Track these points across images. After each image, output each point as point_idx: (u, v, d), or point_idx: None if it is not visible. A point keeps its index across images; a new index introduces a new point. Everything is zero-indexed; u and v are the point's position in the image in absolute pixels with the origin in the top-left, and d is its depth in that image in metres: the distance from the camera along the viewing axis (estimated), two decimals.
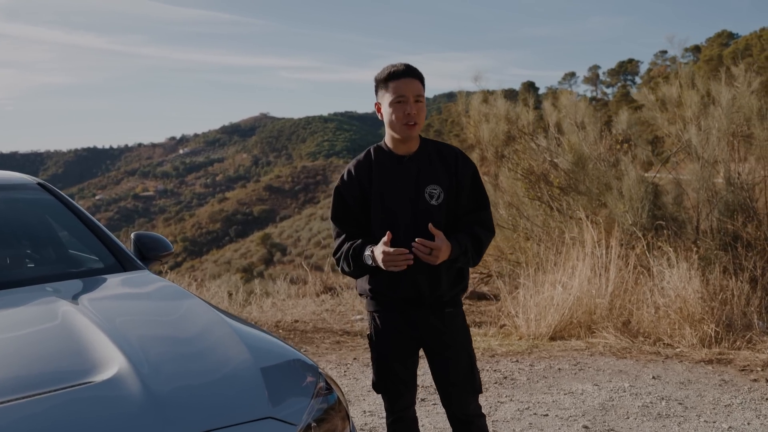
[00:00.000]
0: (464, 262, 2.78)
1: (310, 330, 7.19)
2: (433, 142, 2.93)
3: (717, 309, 6.32)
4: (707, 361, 5.34)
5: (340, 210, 2.89)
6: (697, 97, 9.84)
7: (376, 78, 2.83)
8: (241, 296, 8.15)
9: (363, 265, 2.77)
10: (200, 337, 2.26)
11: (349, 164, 2.92)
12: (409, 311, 2.84)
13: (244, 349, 2.16)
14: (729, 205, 8.80)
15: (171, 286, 2.77)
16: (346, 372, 5.35)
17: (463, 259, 2.76)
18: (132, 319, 2.34)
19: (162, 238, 3.46)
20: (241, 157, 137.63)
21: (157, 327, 2.31)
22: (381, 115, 2.85)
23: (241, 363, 2.09)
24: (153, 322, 2.36)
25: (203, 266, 74.52)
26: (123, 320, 2.28)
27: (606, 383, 4.84)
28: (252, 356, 2.13)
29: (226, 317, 2.50)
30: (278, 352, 2.33)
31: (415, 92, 2.74)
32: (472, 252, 2.77)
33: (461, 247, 2.72)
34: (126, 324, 2.24)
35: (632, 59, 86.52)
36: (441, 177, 2.82)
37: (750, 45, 54.80)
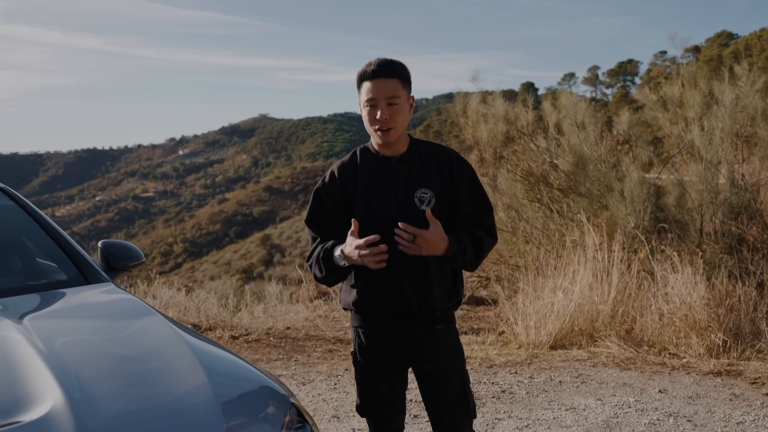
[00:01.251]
0: (461, 263, 2.52)
1: (302, 338, 6.93)
2: (425, 142, 2.67)
3: (723, 316, 6.07)
4: (716, 372, 5.09)
5: (317, 213, 2.64)
6: (700, 97, 9.61)
7: (356, 76, 2.58)
8: (231, 302, 7.89)
9: (336, 269, 2.52)
10: (152, 362, 2.01)
11: (333, 165, 2.68)
12: (397, 327, 2.58)
13: (202, 375, 1.91)
14: (733, 207, 8.56)
15: (130, 302, 2.52)
16: (336, 385, 5.09)
17: (460, 259, 2.49)
18: (79, 343, 2.08)
19: (131, 247, 3.21)
20: (241, 158, 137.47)
21: (106, 351, 2.05)
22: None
23: (197, 391, 1.83)
24: (102, 345, 2.10)
25: (203, 267, 74.53)
26: (68, 345, 2.03)
27: (610, 398, 4.58)
28: (210, 383, 1.87)
29: (187, 336, 2.25)
30: (242, 378, 2.07)
31: (388, 94, 2.46)
32: (471, 253, 2.51)
33: (460, 244, 2.46)
34: (71, 349, 1.98)
35: (632, 60, 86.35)
36: (433, 180, 2.57)
37: (750, 45, 54.63)
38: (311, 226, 2.65)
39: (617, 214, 8.64)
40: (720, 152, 8.96)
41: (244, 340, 6.77)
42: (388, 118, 2.47)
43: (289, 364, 5.89)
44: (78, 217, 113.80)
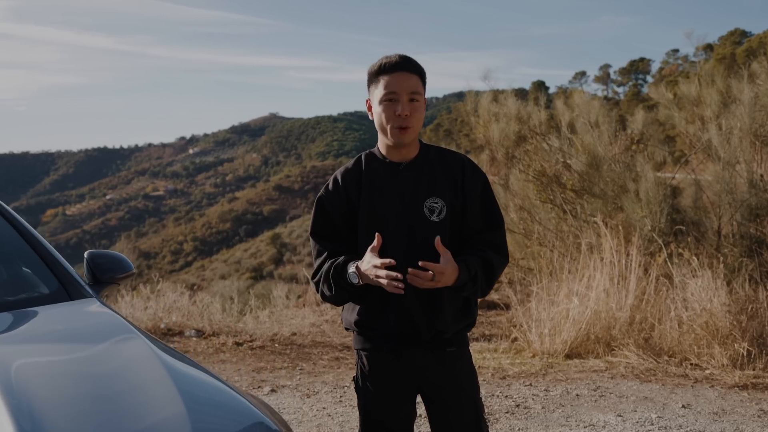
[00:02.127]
0: (472, 291, 2.29)
1: (308, 344, 6.72)
2: (436, 147, 2.44)
3: (745, 323, 5.82)
4: (741, 386, 4.83)
5: (321, 224, 2.41)
6: (717, 95, 9.35)
7: (368, 71, 2.36)
8: (236, 307, 7.68)
9: (347, 287, 2.28)
10: (123, 390, 1.78)
11: (336, 172, 2.45)
12: (403, 350, 2.35)
13: (180, 405, 1.68)
14: (752, 209, 8.30)
15: (111, 322, 2.29)
16: (342, 397, 4.86)
17: (470, 288, 2.26)
18: (46, 373, 1.86)
19: (120, 257, 2.99)
20: (251, 157, 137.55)
21: (75, 382, 1.82)
22: (371, 114, 2.38)
23: (172, 425, 1.60)
24: (71, 375, 1.87)
25: (213, 266, 74.58)
26: (33, 375, 1.80)
27: (630, 413, 4.34)
28: (189, 415, 1.64)
29: (170, 361, 2.02)
30: (229, 410, 1.83)
31: (410, 89, 2.26)
32: (482, 280, 2.28)
33: (470, 272, 2.23)
34: (35, 380, 1.76)
35: (643, 58, 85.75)
36: (444, 189, 2.34)
37: (764, 43, 54.03)
38: (316, 238, 2.41)
39: (633, 215, 8.39)
40: (738, 152, 8.69)
41: (248, 347, 6.57)
42: (409, 115, 2.26)
43: (293, 373, 5.67)
44: (89, 215, 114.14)
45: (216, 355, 6.29)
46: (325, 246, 2.38)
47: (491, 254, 2.30)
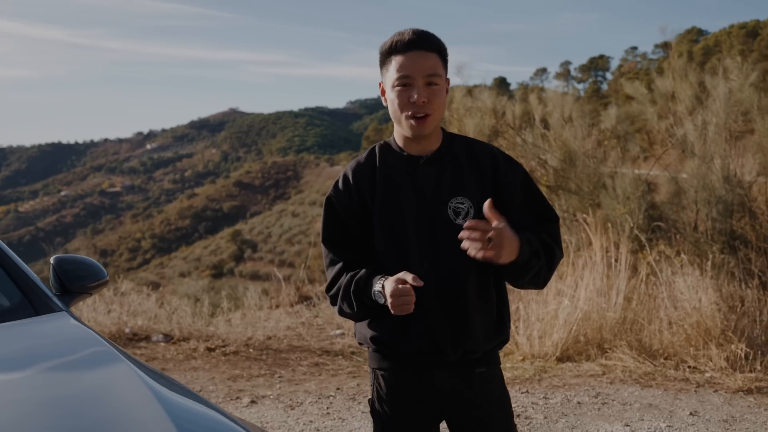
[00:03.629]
0: (536, 270, 1.94)
1: (285, 349, 6.37)
2: (462, 138, 2.10)
3: (735, 322, 5.66)
4: (746, 390, 4.63)
5: (332, 229, 2.07)
6: (691, 91, 9.25)
7: (379, 50, 2.02)
8: (207, 310, 7.28)
9: (370, 304, 1.96)
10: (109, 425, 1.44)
11: (346, 167, 2.10)
12: (426, 371, 2.03)
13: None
14: (728, 205, 8.19)
15: (87, 342, 1.94)
16: (329, 408, 4.54)
17: (535, 264, 1.93)
18: (10, 410, 1.50)
19: (92, 263, 2.62)
20: (210, 153, 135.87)
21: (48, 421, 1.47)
22: (385, 101, 2.04)
23: None
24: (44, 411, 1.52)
25: (172, 263, 73.45)
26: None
27: (638, 422, 4.09)
28: None
29: (162, 392, 1.68)
30: None
31: (427, 71, 1.93)
32: (544, 260, 1.96)
33: (532, 246, 1.91)
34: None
35: (603, 55, 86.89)
36: (471, 187, 2.01)
37: (720, 41, 55.04)
38: (328, 246, 2.07)
39: (612, 212, 8.21)
40: (714, 147, 8.58)
41: (221, 353, 6.20)
42: (426, 101, 1.92)
43: (273, 382, 5.33)
44: (42, 212, 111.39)
45: (187, 361, 5.92)
46: (339, 255, 2.05)
47: (549, 239, 1.99)
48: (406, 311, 1.84)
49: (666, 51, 78.49)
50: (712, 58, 25.48)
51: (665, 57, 73.95)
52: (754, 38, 50.57)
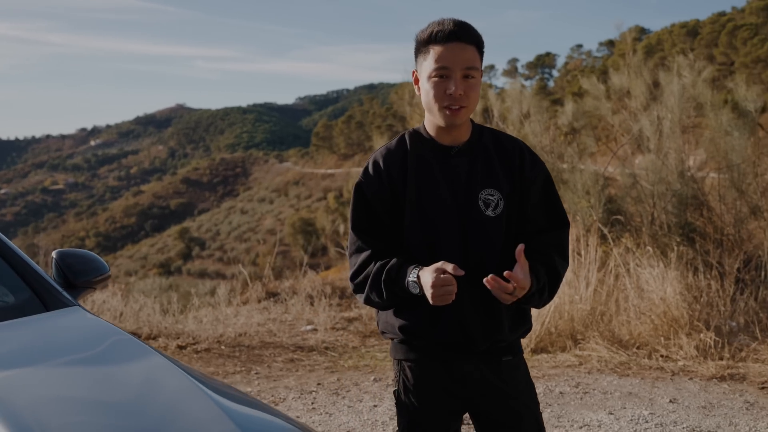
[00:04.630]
0: (535, 302, 2.01)
1: (258, 345, 6.30)
2: (490, 130, 2.11)
3: (700, 312, 5.83)
4: (719, 377, 4.77)
5: (363, 216, 2.04)
6: (645, 87, 9.46)
7: (416, 38, 2.01)
8: (175, 306, 7.15)
9: (402, 295, 1.95)
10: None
11: (375, 153, 2.09)
12: (454, 361, 2.03)
13: None
14: (682, 199, 8.42)
15: (113, 335, 1.89)
16: (314, 403, 4.51)
17: (535, 300, 1.98)
18: (58, 406, 1.45)
19: (93, 257, 2.55)
20: (157, 149, 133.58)
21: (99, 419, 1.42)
22: (418, 89, 2.03)
23: None
24: (97, 409, 1.47)
25: (117, 262, 71.99)
26: (42, 410, 1.39)
27: (621, 410, 4.18)
28: None
29: (210, 386, 1.65)
30: None
31: (465, 63, 1.92)
32: (546, 292, 2.00)
33: (539, 283, 1.95)
34: (48, 417, 1.35)
35: (549, 52, 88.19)
36: (501, 179, 2.02)
37: (662, 40, 56.47)
38: (358, 233, 2.04)
39: (574, 207, 8.36)
40: (669, 142, 8.79)
41: (193, 350, 6.10)
42: (463, 94, 1.92)
43: (250, 378, 5.27)
44: None
45: None
46: (367, 242, 2.02)
47: (557, 260, 2.02)
48: (447, 301, 1.83)
49: (610, 49, 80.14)
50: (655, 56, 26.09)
51: (610, 55, 75.54)
52: (695, 37, 51.99)
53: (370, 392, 4.70)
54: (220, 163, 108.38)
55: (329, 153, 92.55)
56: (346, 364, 5.60)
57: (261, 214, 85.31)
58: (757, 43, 44.89)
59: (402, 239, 2.02)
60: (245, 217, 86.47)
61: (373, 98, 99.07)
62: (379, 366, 5.49)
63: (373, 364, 5.57)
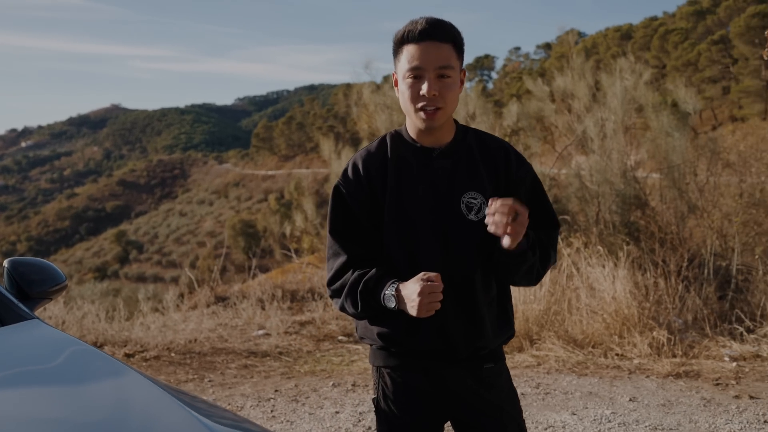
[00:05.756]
0: (531, 262, 1.90)
1: (209, 352, 6.13)
2: (475, 131, 2.04)
3: (650, 310, 5.92)
4: (675, 375, 4.83)
5: (341, 219, 1.97)
6: (587, 89, 9.61)
7: (393, 39, 1.94)
8: (122, 313, 6.91)
9: (376, 307, 1.88)
10: None
11: (355, 155, 2.01)
12: (435, 369, 1.96)
13: None
14: (626, 199, 8.58)
15: (85, 353, 1.76)
16: (274, 411, 4.39)
17: (530, 258, 1.88)
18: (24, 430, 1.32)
19: (48, 265, 2.39)
20: (92, 151, 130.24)
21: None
22: (397, 92, 1.96)
23: None
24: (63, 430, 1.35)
25: None
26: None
27: (583, 411, 4.18)
28: None
29: (184, 403, 1.54)
30: None
31: (439, 62, 1.85)
32: (539, 255, 1.92)
33: (529, 239, 1.87)
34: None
35: (488, 55, 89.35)
36: (484, 181, 1.95)
37: (597, 43, 57.84)
38: (335, 236, 1.98)
39: None
40: (612, 143, 8.94)
41: (141, 358, 5.90)
42: (437, 95, 1.85)
43: (203, 387, 5.11)
44: None
45: None
46: (345, 246, 1.96)
47: (545, 239, 1.96)
48: (431, 312, 1.78)
49: (548, 52, 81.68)
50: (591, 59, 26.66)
51: (547, 57, 76.96)
52: (628, 40, 53.40)
53: (330, 398, 4.60)
54: (158, 164, 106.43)
55: (270, 154, 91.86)
56: (302, 370, 5.49)
57: (200, 217, 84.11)
58: (687, 47, 46.35)
59: (381, 243, 1.95)
60: (184, 219, 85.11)
61: (313, 99, 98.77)
62: (336, 371, 5.40)
63: (330, 369, 5.47)
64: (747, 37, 39.50)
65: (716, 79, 44.93)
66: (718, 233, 7.56)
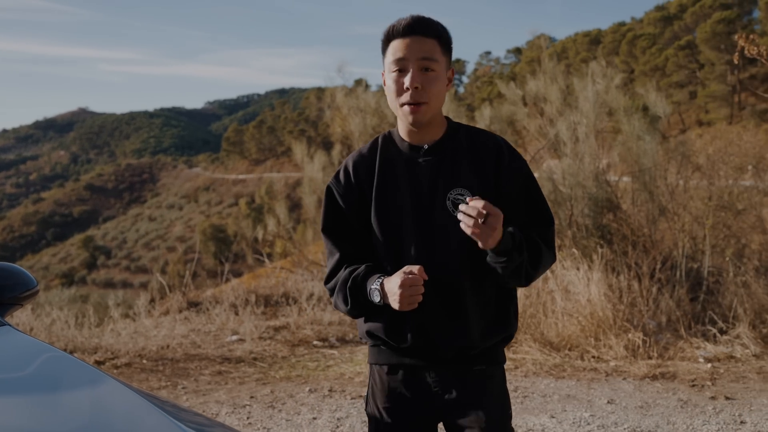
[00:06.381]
0: (517, 265, 1.82)
1: (182, 358, 6.03)
2: (468, 128, 2.01)
3: (624, 312, 5.95)
4: (651, 377, 4.84)
5: (332, 219, 1.98)
6: (559, 93, 9.67)
7: (382, 38, 1.94)
8: (92, 319, 6.77)
9: (365, 304, 1.88)
10: None
11: (348, 157, 2.01)
12: (420, 368, 1.93)
13: None
14: (598, 202, 8.63)
15: (60, 360, 1.70)
16: (250, 418, 4.31)
17: (516, 259, 1.80)
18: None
19: (20, 270, 2.30)
20: (58, 155, 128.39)
21: None
22: (387, 90, 1.94)
23: None
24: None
25: None
26: None
27: (562, 414, 4.17)
28: None
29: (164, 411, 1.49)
30: None
31: (421, 54, 1.84)
32: (527, 256, 1.83)
33: (515, 240, 1.80)
34: None
35: (459, 59, 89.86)
36: (470, 178, 1.91)
37: (566, 48, 58.48)
38: (327, 234, 1.99)
39: None
40: (584, 147, 9.00)
41: (112, 365, 5.78)
42: (420, 87, 1.83)
43: (177, 393, 5.02)
44: None
45: None
46: (338, 246, 1.96)
47: (539, 241, 1.89)
48: (414, 304, 1.77)
49: (518, 56, 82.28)
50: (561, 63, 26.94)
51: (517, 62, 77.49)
52: (597, 45, 54.06)
53: (307, 404, 4.54)
54: (126, 168, 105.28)
55: (240, 158, 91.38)
56: (277, 375, 5.42)
57: (170, 221, 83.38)
58: (655, 52, 47.00)
59: (371, 245, 1.95)
60: (153, 224, 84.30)
61: (284, 103, 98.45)
62: (312, 376, 5.34)
63: (305, 375, 5.40)
64: (713, 42, 40.19)
65: (683, 83, 45.65)
66: (689, 236, 7.63)
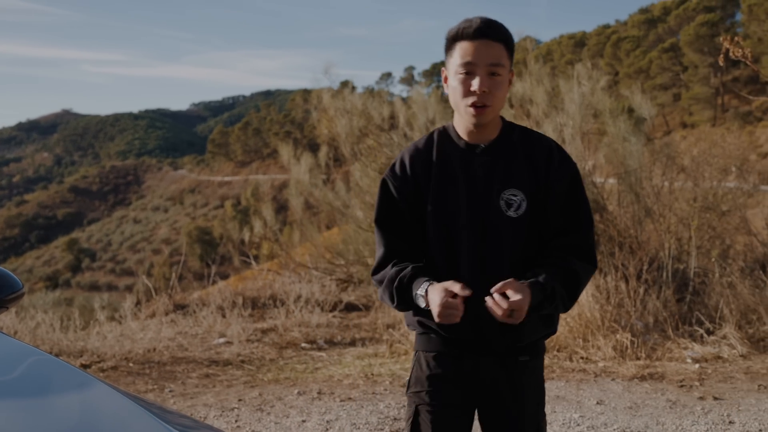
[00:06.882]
0: (551, 308, 1.92)
1: (169, 361, 5.98)
2: (522, 128, 2.08)
3: (611, 312, 5.97)
4: (640, 377, 4.86)
5: (385, 210, 2.05)
6: (545, 94, 9.70)
7: (445, 36, 2.00)
8: (77, 322, 6.71)
9: (412, 303, 1.95)
10: None
11: (403, 150, 2.08)
12: (468, 357, 2.00)
13: None
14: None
15: (47, 363, 1.67)
16: (238, 421, 4.28)
17: (548, 307, 1.89)
18: None
19: (5, 272, 2.27)
20: (42, 157, 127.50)
21: None
22: (446, 88, 2.02)
23: None
24: None
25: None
26: None
27: (551, 415, 4.17)
28: None
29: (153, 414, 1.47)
30: None
31: (490, 60, 1.91)
32: (562, 294, 1.91)
33: (545, 290, 1.86)
34: None
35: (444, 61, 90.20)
36: (524, 179, 1.98)
37: (551, 50, 58.78)
38: (380, 226, 2.05)
39: None
40: (571, 149, 9.02)
41: (98, 369, 5.73)
42: (488, 92, 1.90)
43: (164, 397, 4.98)
44: None
45: None
46: (389, 240, 2.03)
47: (575, 262, 1.95)
48: (451, 322, 1.81)
49: None
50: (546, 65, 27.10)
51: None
52: (582, 47, 54.33)
53: (296, 407, 4.51)
54: (111, 170, 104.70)
55: (226, 160, 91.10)
56: (265, 378, 5.38)
57: (155, 224, 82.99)
58: (639, 55, 47.33)
59: (423, 237, 2.02)
60: (138, 226, 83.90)
61: (270, 105, 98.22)
62: (300, 379, 5.31)
63: (294, 377, 5.37)
64: (696, 45, 40.50)
65: (667, 86, 46.00)
66: (674, 237, 7.66)
